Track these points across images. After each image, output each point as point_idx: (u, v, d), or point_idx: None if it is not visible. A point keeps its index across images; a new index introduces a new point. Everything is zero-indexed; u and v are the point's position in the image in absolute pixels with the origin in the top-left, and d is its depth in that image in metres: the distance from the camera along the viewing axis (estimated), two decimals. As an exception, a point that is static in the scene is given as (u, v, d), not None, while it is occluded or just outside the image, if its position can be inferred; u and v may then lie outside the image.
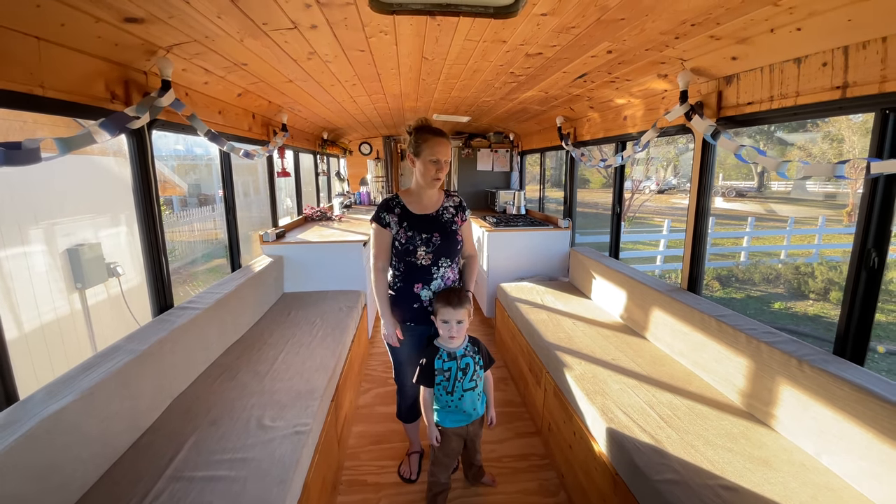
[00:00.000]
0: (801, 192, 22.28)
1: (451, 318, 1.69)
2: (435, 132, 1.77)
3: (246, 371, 2.05)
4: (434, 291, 1.83)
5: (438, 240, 1.80)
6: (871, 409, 1.28)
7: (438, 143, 1.74)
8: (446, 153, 1.77)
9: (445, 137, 1.78)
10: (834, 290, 8.12)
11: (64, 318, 4.25)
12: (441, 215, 1.86)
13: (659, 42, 1.80)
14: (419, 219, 1.82)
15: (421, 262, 1.80)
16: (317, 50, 2.04)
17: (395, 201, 1.84)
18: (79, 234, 4.50)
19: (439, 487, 1.90)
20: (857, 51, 1.40)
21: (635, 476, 1.44)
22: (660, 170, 21.53)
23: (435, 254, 1.80)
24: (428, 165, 1.75)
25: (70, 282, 4.39)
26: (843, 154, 14.42)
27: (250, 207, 9.95)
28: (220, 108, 2.53)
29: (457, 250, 1.87)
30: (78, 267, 4.40)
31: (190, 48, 1.82)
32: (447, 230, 1.84)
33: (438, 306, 1.71)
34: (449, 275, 1.86)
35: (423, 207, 1.85)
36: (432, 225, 1.82)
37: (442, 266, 1.83)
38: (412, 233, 1.79)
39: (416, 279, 1.83)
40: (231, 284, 2.50)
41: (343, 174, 6.71)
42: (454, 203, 1.92)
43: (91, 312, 4.63)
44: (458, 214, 1.90)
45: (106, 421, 1.42)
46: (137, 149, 1.85)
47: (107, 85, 1.68)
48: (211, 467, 1.41)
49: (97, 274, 4.67)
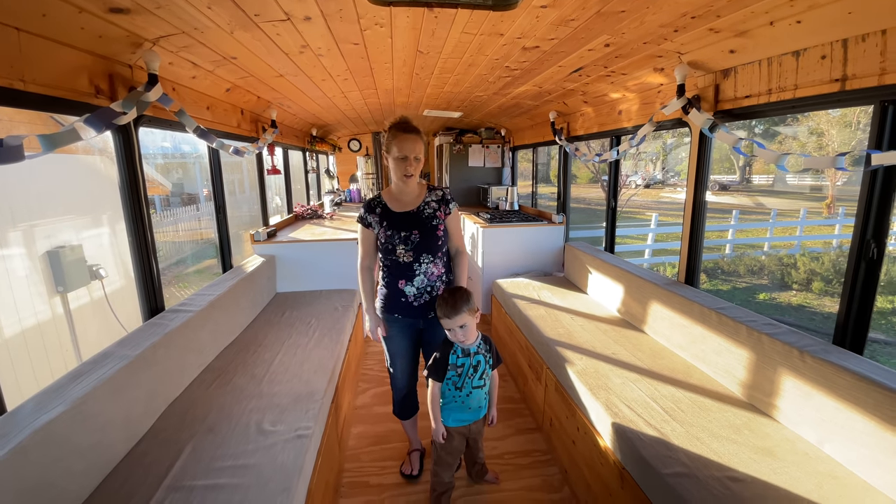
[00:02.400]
0: (782, 185, 22.79)
1: (451, 326, 1.67)
2: (403, 128, 1.76)
3: (242, 374, 2.00)
4: (418, 287, 1.84)
5: (417, 237, 1.81)
6: (873, 398, 1.30)
7: (405, 140, 1.74)
8: (414, 149, 1.75)
9: (414, 133, 1.76)
10: (816, 280, 8.32)
11: (45, 323, 4.11)
12: (422, 211, 1.85)
13: (658, 35, 1.79)
14: (398, 217, 1.83)
15: (402, 260, 1.82)
16: (309, 43, 1.98)
17: (377, 201, 1.87)
18: (59, 236, 4.34)
19: (443, 487, 1.88)
20: (857, 43, 1.41)
21: (643, 470, 1.44)
22: (648, 164, 21.79)
23: (415, 251, 1.81)
24: (397, 162, 1.76)
25: (51, 285, 4.24)
26: (822, 147, 14.75)
27: (239, 206, 9.77)
28: (208, 103, 2.45)
29: (438, 246, 1.86)
30: (59, 270, 4.25)
31: (177, 40, 1.75)
32: (427, 226, 1.83)
33: (440, 315, 1.69)
34: (433, 270, 1.85)
35: (403, 205, 1.85)
36: (412, 222, 1.82)
37: (423, 262, 1.83)
38: (391, 231, 1.81)
39: (400, 276, 1.84)
40: (223, 286, 2.44)
41: (332, 171, 6.62)
42: (437, 197, 1.89)
43: (74, 317, 4.48)
44: (441, 208, 1.87)
45: (99, 431, 1.36)
46: (124, 146, 1.78)
47: (91, 79, 1.61)
48: (211, 475, 1.36)
49: (79, 277, 4.52)
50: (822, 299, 7.76)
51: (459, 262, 1.95)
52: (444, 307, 1.67)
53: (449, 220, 1.89)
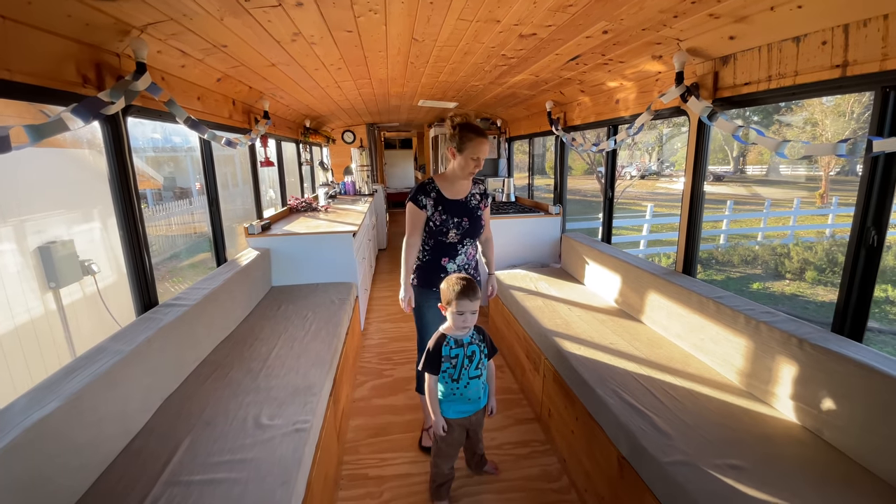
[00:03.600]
0: (776, 175, 22.91)
1: (468, 309, 1.65)
2: (479, 132, 1.92)
3: (238, 368, 1.98)
4: (458, 265, 2.08)
5: (467, 223, 2.03)
6: (872, 385, 1.30)
7: (481, 143, 1.90)
8: (486, 152, 1.95)
9: (486, 138, 1.95)
10: (809, 269, 8.39)
11: (38, 319, 4.06)
12: (469, 201, 2.05)
13: (657, 21, 1.77)
14: (452, 203, 2.01)
15: (450, 241, 2.04)
16: (302, 30, 1.94)
17: (432, 186, 2.02)
18: (50, 231, 4.27)
19: (443, 478, 1.88)
20: (858, 28, 1.39)
21: (643, 459, 1.44)
22: (644, 155, 21.77)
23: (463, 235, 2.04)
24: (469, 161, 1.92)
25: (43, 281, 4.18)
26: (816, 137, 14.80)
27: (233, 199, 9.66)
28: (198, 93, 2.40)
29: (479, 232, 2.11)
30: (50, 265, 4.19)
31: (166, 28, 1.70)
32: (474, 215, 2.05)
33: (455, 299, 1.64)
34: (471, 251, 2.14)
35: (455, 193, 2.03)
36: (462, 210, 2.03)
37: (466, 244, 2.09)
38: (446, 216, 1.99)
39: (444, 254, 2.06)
40: (218, 279, 2.41)
41: (327, 164, 6.55)
42: (480, 191, 2.12)
43: (67, 313, 4.43)
44: (483, 201, 2.11)
45: (94, 426, 1.34)
46: (113, 137, 1.74)
47: (78, 68, 1.57)
48: (209, 470, 1.35)
49: (71, 272, 4.46)
50: (816, 288, 7.84)
51: (490, 247, 2.29)
52: (471, 290, 1.65)
53: (486, 212, 2.13)
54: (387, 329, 3.78)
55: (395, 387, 2.81)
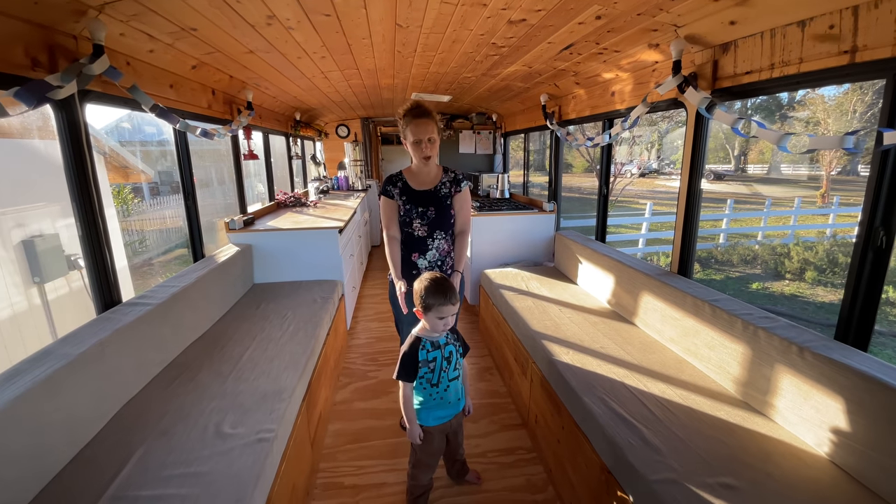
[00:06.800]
0: (777, 174, 22.76)
1: (449, 313, 1.52)
2: (414, 113, 1.84)
3: (207, 372, 1.87)
4: (429, 261, 1.98)
5: (433, 213, 1.95)
6: (879, 399, 1.20)
7: (418, 124, 1.83)
8: (427, 131, 1.85)
9: (425, 116, 1.85)
10: (809, 269, 8.28)
11: (22, 314, 3.95)
12: (438, 191, 1.99)
13: (653, 5, 1.65)
14: (417, 194, 1.97)
15: (417, 234, 1.96)
16: (276, 13, 1.82)
17: (398, 177, 2.01)
18: (33, 225, 4.16)
19: (420, 490, 1.77)
20: (868, 10, 1.27)
21: (629, 475, 1.34)
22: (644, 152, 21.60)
23: (430, 226, 1.95)
24: (414, 146, 1.87)
25: (27, 276, 4.08)
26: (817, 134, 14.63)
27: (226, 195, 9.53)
28: (171, 81, 2.28)
29: (451, 224, 2.01)
30: (34, 260, 4.09)
31: (125, 7, 1.58)
32: (443, 204, 1.97)
33: (435, 303, 1.51)
34: (444, 246, 2.01)
35: (422, 184, 1.99)
36: (429, 200, 1.96)
37: (437, 238, 1.98)
38: (410, 206, 1.95)
39: (414, 249, 1.98)
40: (191, 276, 2.30)
41: (319, 158, 6.42)
42: (450, 178, 2.02)
43: (52, 308, 4.32)
44: (452, 188, 2.00)
45: (34, 435, 1.24)
46: (68, 124, 1.62)
47: (27, 50, 1.45)
48: (158, 485, 1.24)
49: (56, 267, 4.35)
50: (815, 289, 7.73)
51: (460, 241, 2.04)
52: (450, 292, 1.51)
53: (457, 198, 2.00)
54: (374, 329, 3.67)
55: (379, 389, 2.70)
